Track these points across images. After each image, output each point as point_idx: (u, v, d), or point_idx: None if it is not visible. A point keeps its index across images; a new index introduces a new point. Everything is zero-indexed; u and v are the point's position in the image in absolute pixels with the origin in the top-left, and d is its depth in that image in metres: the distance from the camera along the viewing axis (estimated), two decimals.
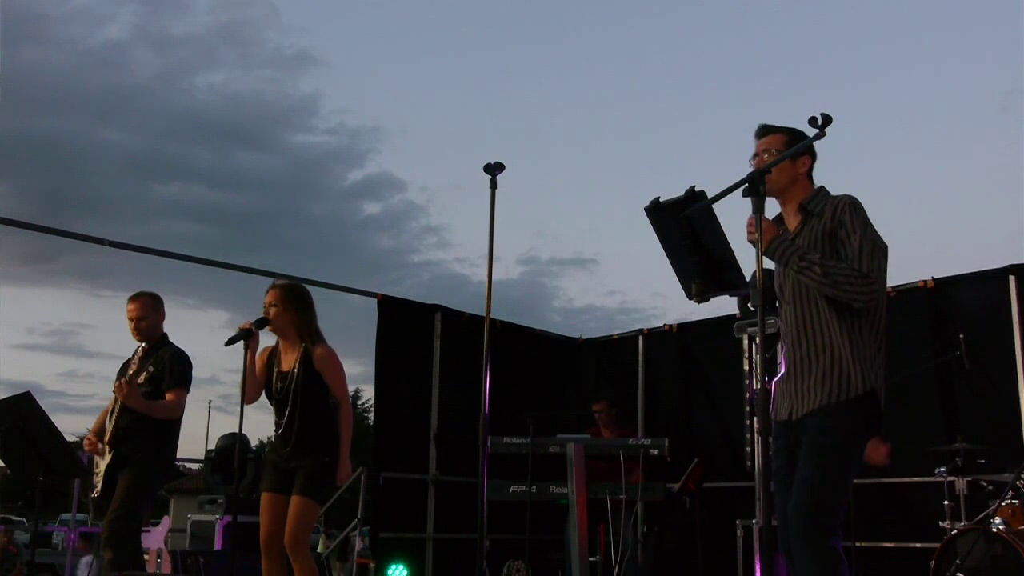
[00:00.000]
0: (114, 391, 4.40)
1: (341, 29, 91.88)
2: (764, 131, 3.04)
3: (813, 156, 2.99)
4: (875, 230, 2.82)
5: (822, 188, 2.99)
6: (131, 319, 4.56)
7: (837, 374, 2.76)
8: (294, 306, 4.04)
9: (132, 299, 4.60)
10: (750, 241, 2.74)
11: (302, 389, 3.95)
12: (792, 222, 2.98)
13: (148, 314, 4.57)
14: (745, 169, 2.93)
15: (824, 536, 2.67)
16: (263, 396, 4.13)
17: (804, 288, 2.84)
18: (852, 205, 2.84)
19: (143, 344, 4.60)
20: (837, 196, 2.91)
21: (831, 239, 2.81)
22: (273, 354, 4.13)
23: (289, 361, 4.03)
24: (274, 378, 4.05)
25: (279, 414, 4.01)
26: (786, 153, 2.84)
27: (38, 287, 66.44)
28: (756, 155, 3.01)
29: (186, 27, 73.79)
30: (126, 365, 4.61)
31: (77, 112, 70.85)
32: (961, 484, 4.93)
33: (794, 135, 2.96)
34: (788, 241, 2.80)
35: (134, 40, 71.94)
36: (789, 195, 2.99)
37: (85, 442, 4.52)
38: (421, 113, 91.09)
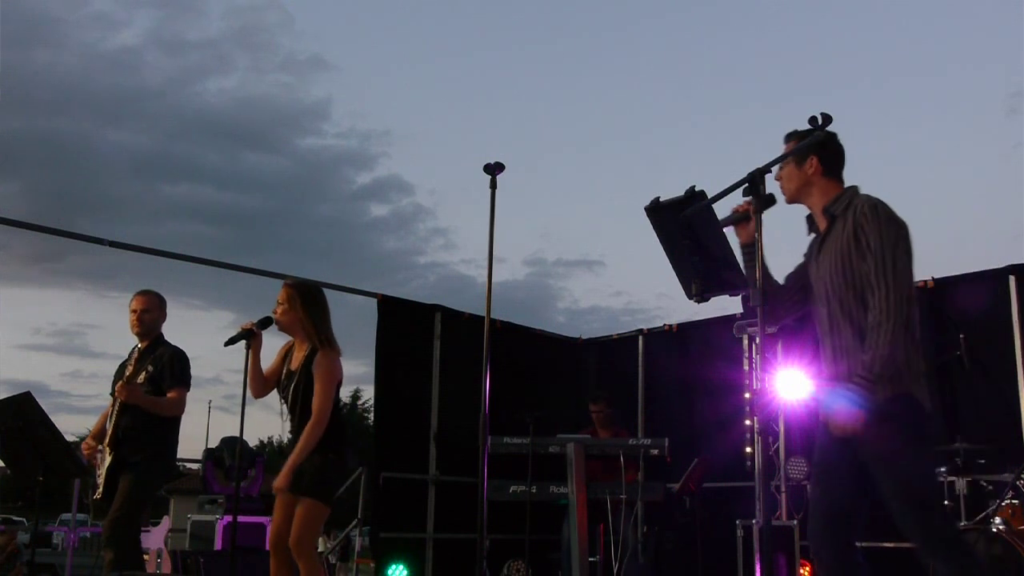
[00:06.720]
0: (114, 392, 4.41)
1: (355, 34, 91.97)
2: (786, 139, 2.96)
3: (822, 157, 2.87)
4: (899, 233, 2.69)
5: (849, 189, 2.88)
6: (134, 311, 4.57)
7: None
8: (302, 305, 3.96)
9: (139, 294, 4.64)
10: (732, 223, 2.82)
11: (303, 390, 3.90)
12: (822, 224, 2.89)
13: (152, 308, 4.61)
14: (746, 168, 2.91)
15: None
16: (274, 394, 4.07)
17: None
18: (873, 208, 2.71)
19: (140, 345, 4.61)
20: (861, 197, 2.80)
21: (856, 243, 2.72)
22: (290, 351, 4.09)
23: (297, 360, 3.99)
24: (283, 375, 4.03)
25: (289, 414, 3.97)
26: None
27: (44, 287, 66.44)
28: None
29: (200, 32, 73.77)
30: (123, 367, 4.62)
31: (87, 113, 70.92)
32: (961, 484, 4.93)
33: (804, 139, 2.86)
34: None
35: (148, 44, 72.01)
36: (808, 200, 2.92)
37: (84, 446, 4.53)
38: (432, 116, 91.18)
